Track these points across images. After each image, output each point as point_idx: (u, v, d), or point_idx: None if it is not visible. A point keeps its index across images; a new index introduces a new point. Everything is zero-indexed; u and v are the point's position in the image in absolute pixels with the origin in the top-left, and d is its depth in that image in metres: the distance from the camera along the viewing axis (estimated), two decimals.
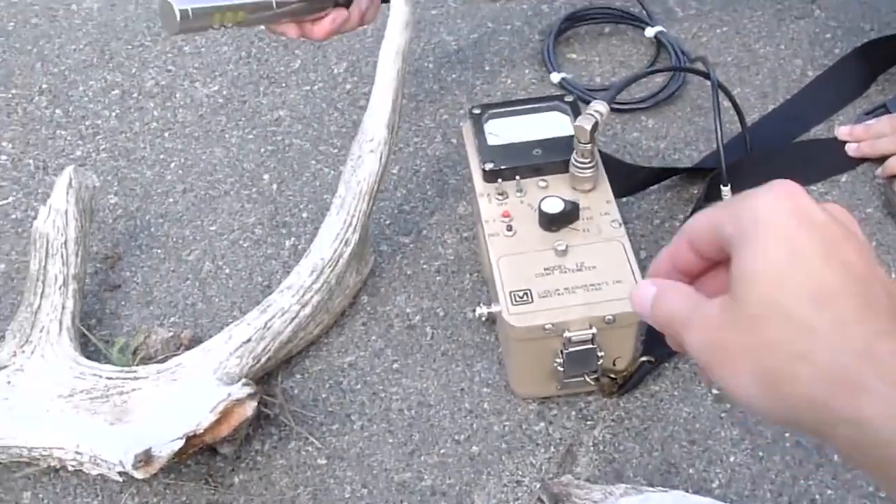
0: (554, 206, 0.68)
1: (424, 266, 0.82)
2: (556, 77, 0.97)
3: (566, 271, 0.67)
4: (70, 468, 0.67)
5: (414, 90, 0.99)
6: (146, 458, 0.62)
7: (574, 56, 1.01)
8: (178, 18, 0.64)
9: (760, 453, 0.68)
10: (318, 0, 0.70)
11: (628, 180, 0.82)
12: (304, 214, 0.88)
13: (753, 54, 0.99)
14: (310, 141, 0.96)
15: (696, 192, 0.85)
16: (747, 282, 0.31)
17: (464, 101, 0.97)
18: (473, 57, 1.02)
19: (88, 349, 0.77)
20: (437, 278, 0.81)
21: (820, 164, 0.86)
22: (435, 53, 1.03)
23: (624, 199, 0.84)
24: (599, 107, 0.70)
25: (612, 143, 0.91)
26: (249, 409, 0.65)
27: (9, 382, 0.70)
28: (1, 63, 1.07)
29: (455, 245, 0.84)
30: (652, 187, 0.85)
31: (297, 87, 1.01)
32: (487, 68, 1.01)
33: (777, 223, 0.31)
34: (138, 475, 0.62)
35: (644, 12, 1.02)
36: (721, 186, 0.79)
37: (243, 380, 0.67)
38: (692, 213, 0.81)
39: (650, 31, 0.99)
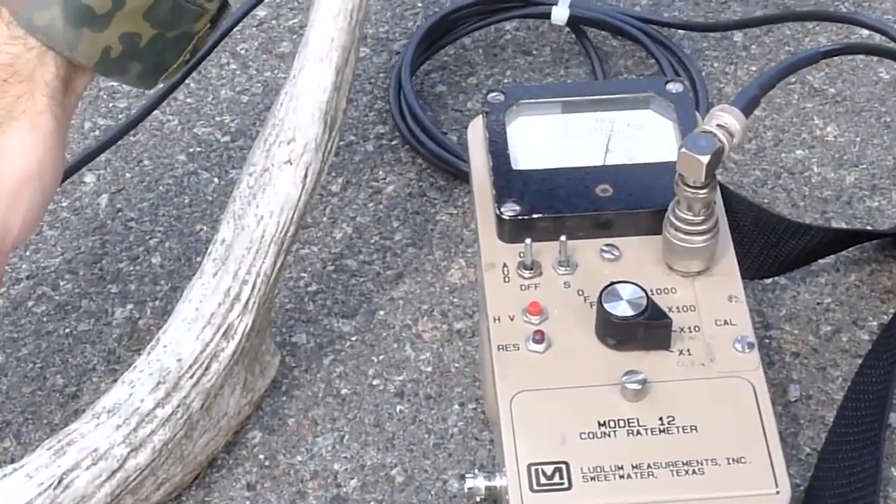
0: (627, 307, 0.66)
1: (375, 381, 0.81)
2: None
3: (640, 431, 0.65)
4: None
5: (386, 28, 0.95)
6: None
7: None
8: None
9: None
10: None
11: (777, 247, 0.81)
12: (156, 260, 0.88)
13: None
14: (180, 116, 0.93)
15: None
16: None
17: (479, 60, 0.94)
18: None
19: None
20: (399, 407, 0.80)
21: None
22: None
23: (767, 280, 0.85)
24: (728, 118, 0.67)
25: (752, 167, 0.93)
26: None
27: None
28: None
29: (438, 343, 0.83)
30: (821, 260, 0.86)
31: None
32: None
33: None
34: None
35: None
36: None
37: None
38: None
39: (559, 13, 1.02)
